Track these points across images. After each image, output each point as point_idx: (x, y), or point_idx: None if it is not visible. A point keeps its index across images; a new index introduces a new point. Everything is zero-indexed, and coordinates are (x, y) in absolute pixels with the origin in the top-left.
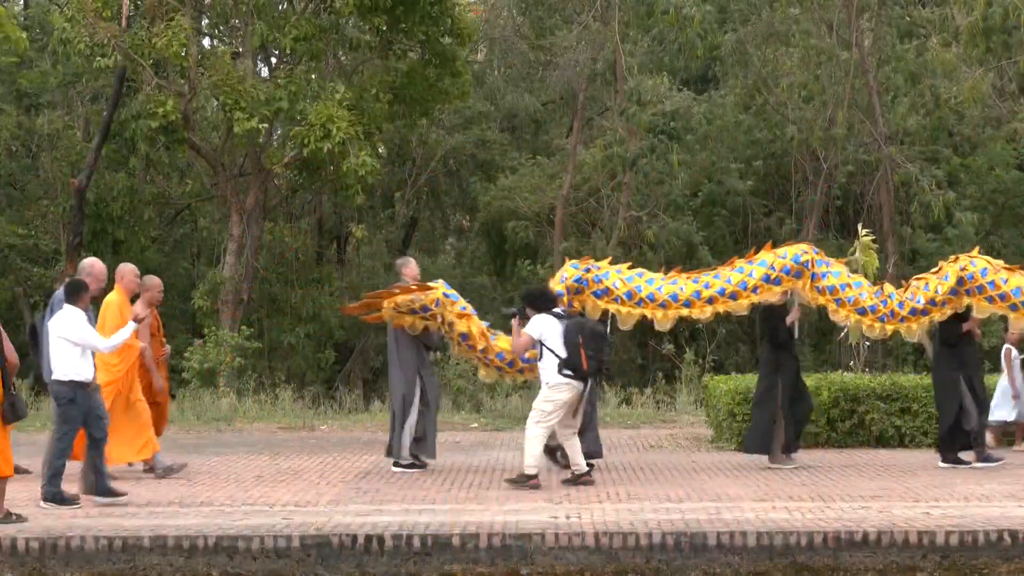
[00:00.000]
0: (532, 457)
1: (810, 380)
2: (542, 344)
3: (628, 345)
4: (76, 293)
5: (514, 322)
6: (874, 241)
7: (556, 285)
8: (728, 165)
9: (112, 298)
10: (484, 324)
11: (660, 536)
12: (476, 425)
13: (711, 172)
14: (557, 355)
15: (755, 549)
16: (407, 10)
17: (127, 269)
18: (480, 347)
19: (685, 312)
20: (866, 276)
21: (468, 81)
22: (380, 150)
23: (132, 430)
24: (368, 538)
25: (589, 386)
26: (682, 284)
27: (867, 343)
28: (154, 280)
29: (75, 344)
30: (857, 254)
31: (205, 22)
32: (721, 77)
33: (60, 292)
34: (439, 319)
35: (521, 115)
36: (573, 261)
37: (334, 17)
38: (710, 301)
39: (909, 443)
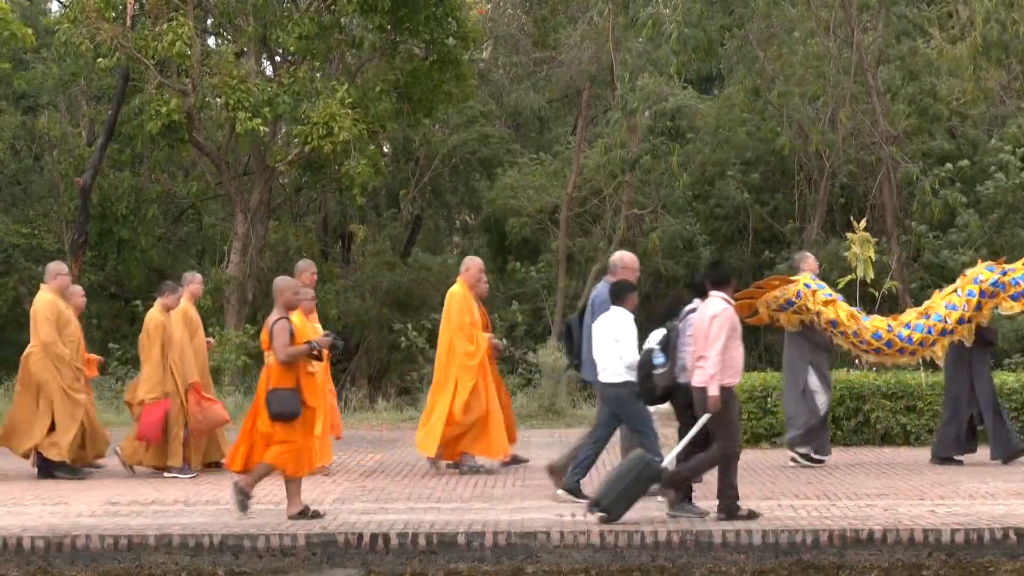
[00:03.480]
0: None
1: None
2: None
3: None
4: (622, 294)
5: None
6: (873, 236)
7: (967, 285)
8: (730, 164)
9: (456, 290)
10: (854, 308)
11: (665, 534)
12: None
13: (713, 172)
14: None
15: (760, 547)
16: (410, 10)
17: (473, 263)
18: (852, 331)
19: None
20: (863, 270)
21: (472, 85)
22: (385, 148)
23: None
24: (374, 536)
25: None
26: None
27: None
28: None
29: (618, 344)
30: (854, 248)
31: (210, 21)
32: (725, 75)
33: (602, 291)
34: (806, 310)
35: (526, 112)
36: (987, 263)
37: (336, 16)
38: None
39: (914, 441)
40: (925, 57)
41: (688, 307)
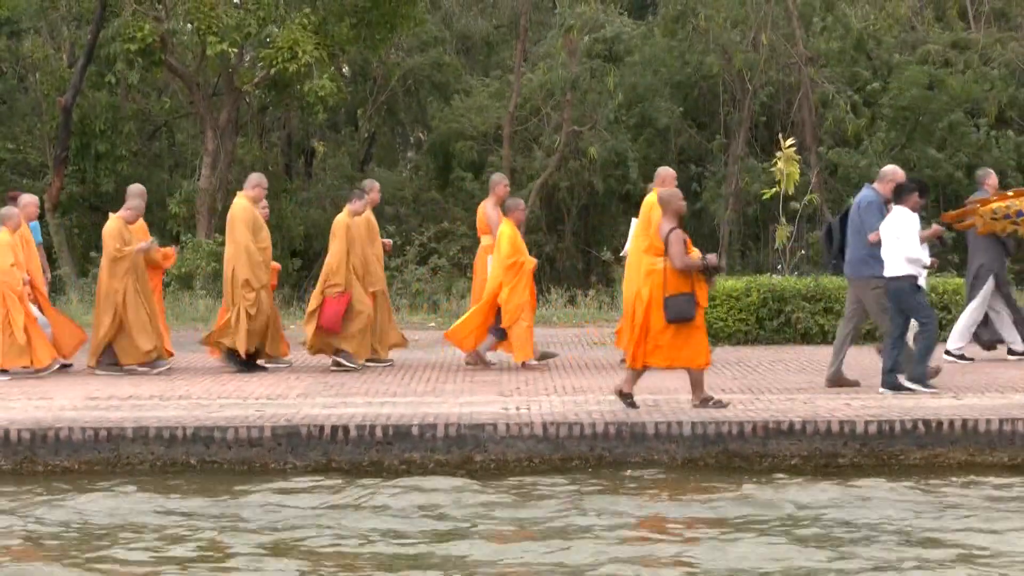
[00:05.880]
0: None
1: (740, 283)
2: None
3: (571, 251)
4: (903, 195)
5: None
6: (797, 152)
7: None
8: (660, 87)
9: (651, 199)
10: None
11: (603, 426)
12: (433, 325)
13: (644, 94)
14: None
15: (690, 438)
16: None
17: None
18: None
19: None
20: (787, 184)
21: (423, 9)
22: (344, 70)
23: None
24: (334, 428)
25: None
26: None
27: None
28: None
29: (899, 242)
30: (780, 165)
31: None
32: (659, 2)
33: (865, 195)
34: None
35: (475, 37)
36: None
37: None
38: None
39: (831, 340)
40: None
41: None
